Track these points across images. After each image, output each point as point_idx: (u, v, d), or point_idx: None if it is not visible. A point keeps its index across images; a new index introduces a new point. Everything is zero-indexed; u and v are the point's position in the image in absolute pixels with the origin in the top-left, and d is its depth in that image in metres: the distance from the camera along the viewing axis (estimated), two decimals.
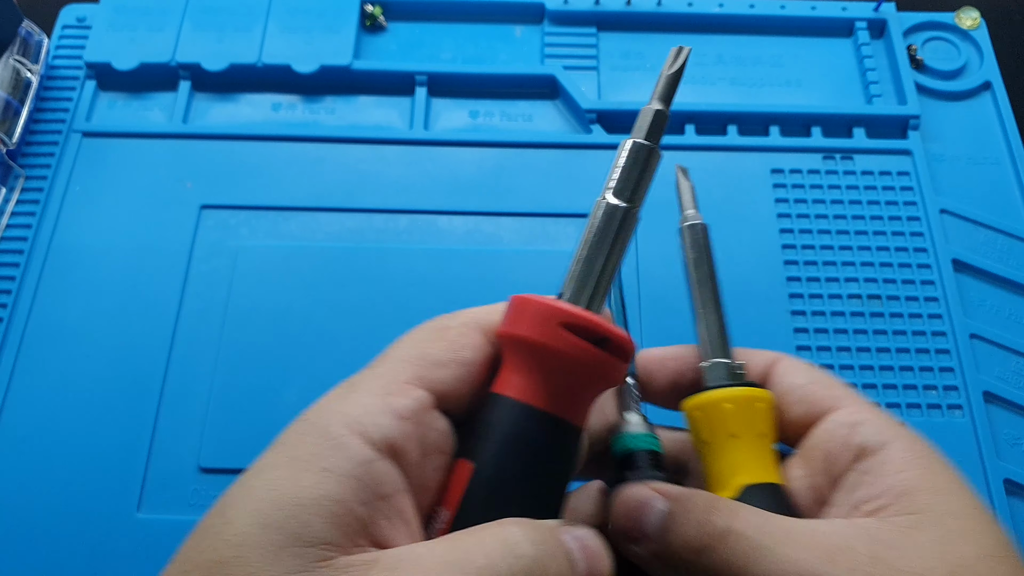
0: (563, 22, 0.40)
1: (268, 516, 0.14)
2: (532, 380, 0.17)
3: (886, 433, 0.18)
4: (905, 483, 0.17)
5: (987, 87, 0.39)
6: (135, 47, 0.38)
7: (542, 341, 0.16)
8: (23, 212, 0.35)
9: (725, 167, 0.36)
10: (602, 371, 0.17)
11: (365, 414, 0.15)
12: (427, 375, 0.17)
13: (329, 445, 0.15)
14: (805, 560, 0.16)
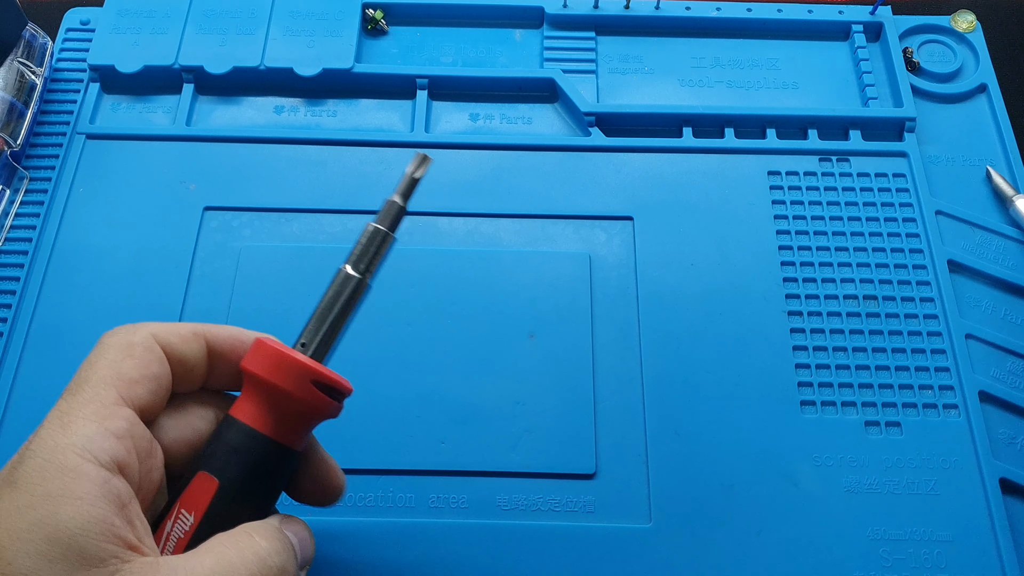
0: (562, 26, 0.40)
1: (50, 552, 0.16)
2: (275, 417, 0.21)
3: None
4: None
5: (983, 89, 0.39)
6: (138, 50, 0.38)
7: (296, 395, 0.20)
8: (27, 213, 0.35)
9: (722, 169, 0.36)
10: (331, 413, 0.21)
11: (90, 441, 0.18)
12: (127, 394, 0.19)
13: (73, 476, 0.17)
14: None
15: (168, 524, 0.20)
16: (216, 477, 0.20)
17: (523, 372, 0.31)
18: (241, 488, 0.20)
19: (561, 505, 0.29)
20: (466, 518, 0.29)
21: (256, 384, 0.21)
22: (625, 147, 0.37)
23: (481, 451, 0.30)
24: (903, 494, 0.29)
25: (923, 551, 0.28)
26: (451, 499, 0.29)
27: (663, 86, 0.39)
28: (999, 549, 0.28)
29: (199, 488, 0.20)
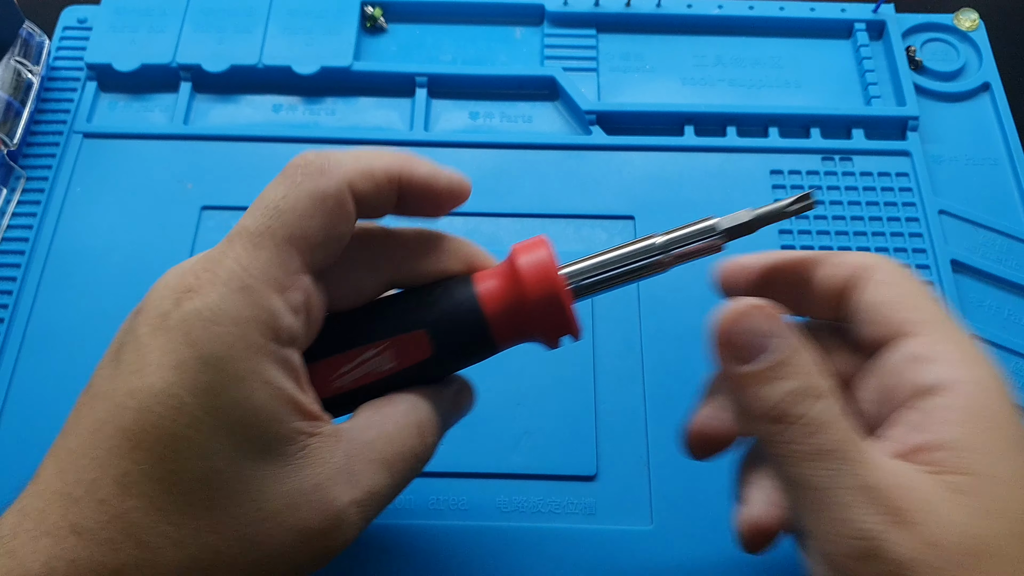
0: (563, 24, 0.40)
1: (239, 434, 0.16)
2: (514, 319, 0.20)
3: (955, 373, 0.17)
4: (962, 439, 0.17)
5: (986, 88, 0.39)
6: (136, 48, 0.38)
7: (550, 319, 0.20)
8: (24, 213, 0.35)
9: (724, 168, 0.36)
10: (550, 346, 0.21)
11: (274, 317, 0.17)
12: (310, 258, 0.18)
13: (259, 357, 0.17)
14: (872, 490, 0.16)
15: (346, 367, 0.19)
16: (432, 345, 0.20)
17: (523, 373, 0.31)
18: (450, 358, 0.20)
19: (562, 507, 0.29)
20: (466, 520, 0.29)
21: (517, 285, 0.20)
22: (626, 146, 0.37)
23: (481, 453, 0.30)
24: None
25: None
26: (451, 501, 0.29)
27: (664, 84, 0.39)
28: None
29: (411, 344, 0.20)
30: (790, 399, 0.17)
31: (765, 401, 0.17)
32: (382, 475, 0.18)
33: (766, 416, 0.17)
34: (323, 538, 0.17)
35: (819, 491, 0.16)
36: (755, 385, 0.17)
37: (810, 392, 0.17)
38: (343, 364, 0.20)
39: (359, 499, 0.18)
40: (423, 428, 0.20)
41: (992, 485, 0.16)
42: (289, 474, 0.17)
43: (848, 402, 0.19)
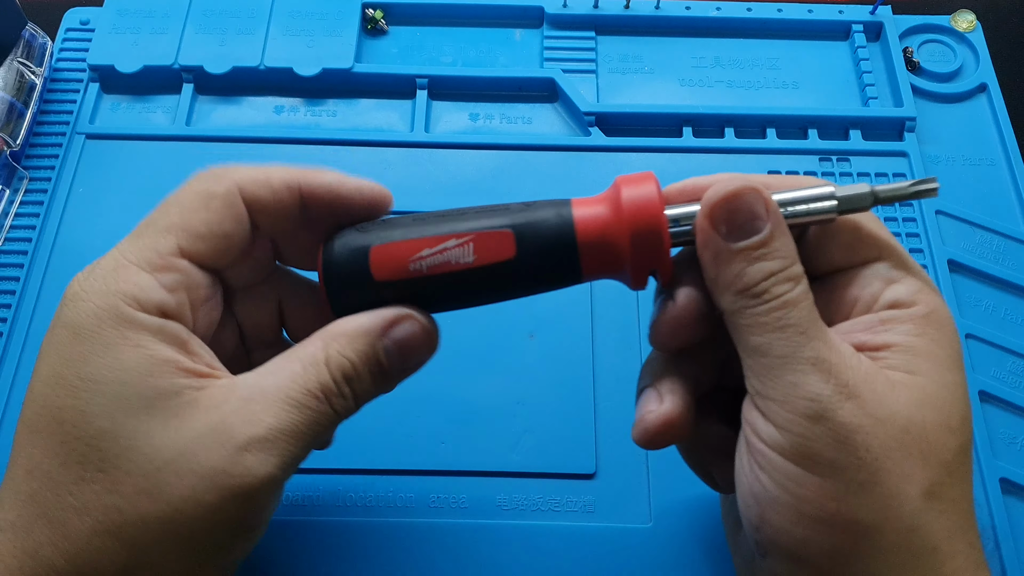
0: (562, 26, 0.40)
1: (122, 394, 0.17)
2: (612, 242, 0.20)
3: (915, 296, 0.20)
4: (912, 345, 0.19)
5: (983, 89, 0.39)
6: (138, 50, 0.38)
7: (655, 253, 0.20)
8: (27, 213, 0.35)
9: (722, 169, 0.36)
10: (640, 281, 0.21)
11: (141, 291, 0.18)
12: (189, 246, 0.19)
13: (128, 325, 0.18)
14: (828, 364, 0.18)
15: (426, 251, 0.20)
16: (516, 247, 0.20)
17: (523, 372, 0.31)
18: (519, 272, 0.20)
19: (561, 505, 0.29)
20: (466, 518, 0.29)
21: (618, 212, 0.20)
22: (625, 147, 0.37)
23: (481, 451, 0.30)
24: None
25: None
26: (451, 499, 0.29)
27: (663, 86, 0.39)
28: (999, 549, 0.28)
29: (495, 241, 0.20)
30: (769, 279, 0.19)
31: (746, 278, 0.19)
32: (286, 412, 0.18)
33: (744, 291, 0.19)
34: (227, 478, 0.17)
35: (780, 358, 0.18)
36: (739, 262, 0.19)
37: (788, 276, 0.19)
38: (423, 247, 0.20)
39: (260, 436, 0.18)
40: (337, 364, 0.19)
41: (930, 384, 0.19)
42: (178, 424, 0.17)
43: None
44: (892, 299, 0.20)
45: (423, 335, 0.21)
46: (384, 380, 0.21)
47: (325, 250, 0.21)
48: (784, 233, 0.19)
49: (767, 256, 0.19)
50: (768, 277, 0.19)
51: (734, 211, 0.19)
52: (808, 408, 0.18)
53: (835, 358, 0.18)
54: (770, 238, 0.19)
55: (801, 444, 0.18)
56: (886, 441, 0.18)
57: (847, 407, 0.18)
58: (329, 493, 0.29)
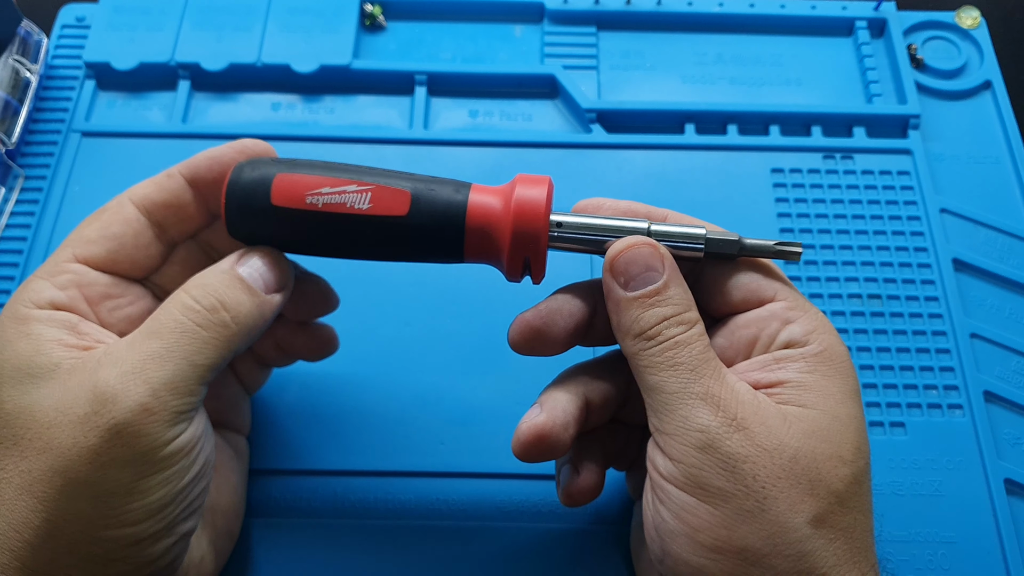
0: (563, 21, 0.40)
1: (18, 376, 0.20)
2: (494, 231, 0.22)
3: (809, 335, 0.21)
4: (803, 382, 0.21)
5: (987, 86, 0.38)
6: (134, 47, 0.38)
7: (532, 252, 0.22)
8: (22, 212, 0.35)
9: (725, 166, 0.36)
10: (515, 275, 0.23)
11: (36, 293, 0.21)
12: (82, 252, 0.22)
13: (21, 321, 0.21)
14: (716, 399, 0.20)
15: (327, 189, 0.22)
16: (410, 209, 0.22)
17: (523, 373, 0.31)
18: (408, 233, 0.22)
19: (561, 507, 0.29)
20: (466, 520, 0.29)
21: (506, 207, 0.22)
22: (626, 144, 0.37)
23: (481, 452, 0.30)
24: (907, 494, 0.29)
25: (927, 552, 0.28)
26: (451, 501, 0.29)
27: (665, 82, 0.39)
28: (1003, 550, 0.28)
29: (392, 197, 0.22)
30: (662, 323, 0.21)
31: (643, 322, 0.21)
32: (142, 342, 0.20)
33: (640, 334, 0.21)
34: (98, 417, 0.19)
35: (673, 394, 0.20)
36: (636, 308, 0.21)
37: (680, 320, 0.21)
38: (325, 185, 0.22)
39: (123, 370, 0.19)
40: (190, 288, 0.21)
41: (821, 417, 0.20)
42: (60, 386, 0.20)
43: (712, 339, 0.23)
44: (787, 339, 0.21)
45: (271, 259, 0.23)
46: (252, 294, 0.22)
47: (233, 172, 0.22)
48: (678, 283, 0.21)
49: (661, 303, 0.21)
50: (661, 321, 0.21)
51: (631, 263, 0.21)
52: (698, 440, 0.19)
53: (725, 393, 0.20)
54: (664, 287, 0.21)
55: (693, 474, 0.19)
56: (773, 471, 0.19)
57: (735, 438, 0.19)
58: (328, 495, 0.29)
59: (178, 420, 0.20)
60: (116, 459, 0.19)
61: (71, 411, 0.19)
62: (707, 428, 0.19)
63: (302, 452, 0.29)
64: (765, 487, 0.19)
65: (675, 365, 0.20)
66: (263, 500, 0.29)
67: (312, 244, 0.23)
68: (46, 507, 0.19)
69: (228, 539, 0.26)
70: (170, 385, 0.20)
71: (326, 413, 0.30)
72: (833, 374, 0.21)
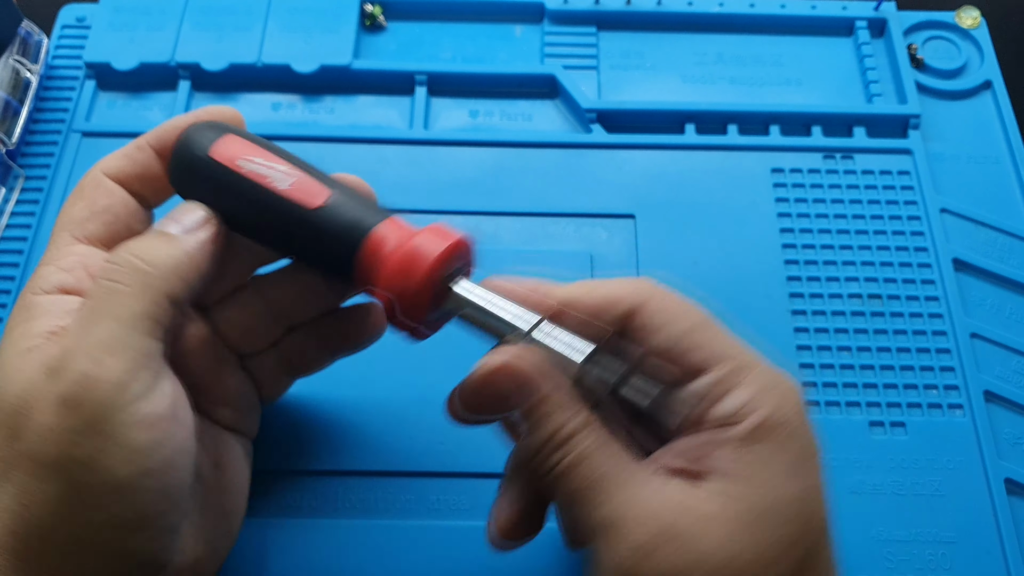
0: (563, 21, 0.40)
1: (23, 360, 0.20)
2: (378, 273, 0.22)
3: (741, 410, 0.18)
4: (729, 471, 0.18)
5: (988, 86, 0.39)
6: (135, 47, 0.38)
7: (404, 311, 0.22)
8: (23, 212, 0.35)
9: (725, 166, 0.36)
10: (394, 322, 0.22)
11: (43, 280, 0.21)
12: (79, 232, 0.22)
13: (29, 308, 0.21)
14: (640, 513, 0.17)
15: (258, 159, 0.23)
16: (325, 207, 0.22)
17: None
18: (310, 229, 0.22)
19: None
20: (466, 520, 0.29)
21: (397, 255, 0.21)
22: (627, 144, 0.37)
23: (481, 452, 0.30)
24: (907, 495, 0.29)
25: (927, 552, 0.28)
26: (451, 501, 0.29)
27: (665, 82, 0.39)
28: (1004, 550, 0.28)
29: (313, 189, 0.22)
30: (536, 456, 0.18)
31: (520, 454, 0.19)
32: (82, 311, 0.20)
33: (527, 466, 0.19)
34: (45, 391, 0.19)
35: (580, 525, 0.18)
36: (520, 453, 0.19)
37: (557, 442, 0.18)
38: (259, 155, 0.22)
39: (68, 342, 0.19)
40: (113, 257, 0.21)
41: (746, 514, 0.17)
42: (21, 372, 0.20)
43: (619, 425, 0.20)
44: (720, 416, 0.19)
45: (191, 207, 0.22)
46: (167, 240, 0.21)
47: (191, 126, 0.23)
48: (544, 400, 0.19)
49: (530, 430, 0.19)
50: (535, 454, 0.18)
51: (483, 402, 0.19)
52: (626, 566, 0.17)
53: (631, 512, 0.17)
54: (526, 414, 0.19)
55: None
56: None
57: (668, 551, 0.17)
58: (327, 495, 0.29)
59: (128, 382, 0.19)
60: (70, 430, 0.18)
61: (28, 393, 0.19)
62: (620, 567, 0.17)
63: (302, 452, 0.29)
64: None
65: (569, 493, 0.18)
66: (262, 500, 0.29)
67: (231, 212, 0.23)
68: (23, 494, 0.19)
69: (228, 540, 0.26)
70: (104, 345, 0.19)
71: (326, 413, 0.30)
72: (775, 450, 0.18)
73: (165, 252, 0.21)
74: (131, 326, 0.20)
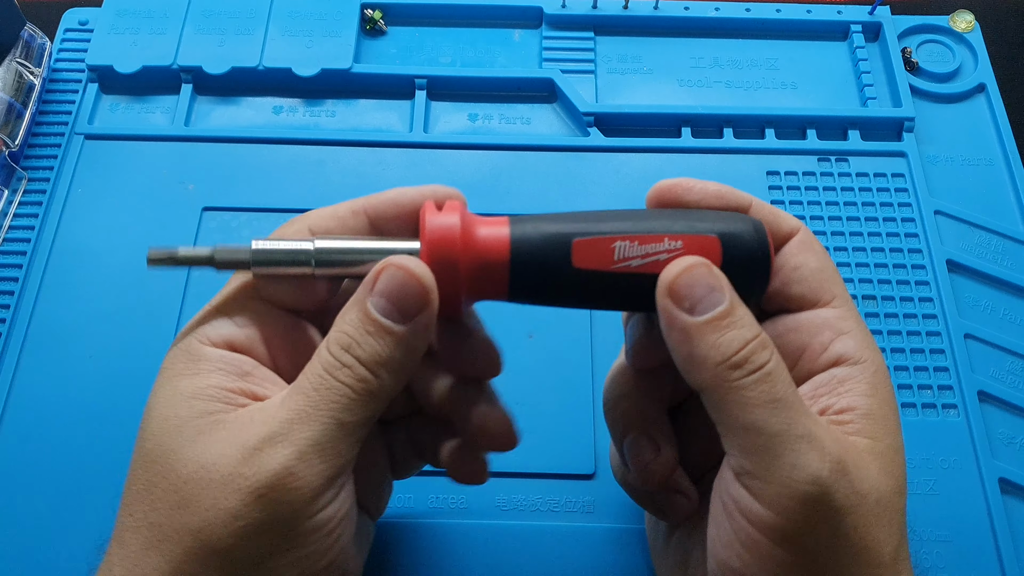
0: (561, 26, 0.40)
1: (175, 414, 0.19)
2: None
3: (863, 351, 0.20)
4: (870, 409, 0.19)
5: (981, 89, 0.39)
6: (137, 50, 0.38)
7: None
8: (26, 214, 0.35)
9: (721, 169, 0.36)
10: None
11: (212, 329, 0.20)
12: (264, 290, 0.21)
13: (193, 357, 0.20)
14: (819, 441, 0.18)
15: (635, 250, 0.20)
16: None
17: (522, 372, 0.31)
18: None
19: (560, 505, 0.29)
20: (465, 518, 0.29)
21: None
22: (624, 147, 0.37)
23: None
24: None
25: (922, 551, 0.28)
26: (450, 499, 0.29)
27: (662, 86, 0.39)
28: (998, 549, 0.28)
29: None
30: (749, 347, 0.18)
31: (724, 348, 0.18)
32: (292, 401, 0.19)
33: (723, 362, 0.18)
34: (242, 479, 0.18)
35: (773, 436, 0.18)
36: (712, 334, 0.18)
37: (764, 342, 0.18)
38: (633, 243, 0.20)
39: (272, 431, 0.18)
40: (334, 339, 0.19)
41: (887, 451, 0.19)
42: (205, 440, 0.18)
43: None
44: (841, 352, 0.20)
45: (406, 278, 0.19)
46: (391, 337, 0.19)
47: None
48: (740, 302, 0.19)
49: (736, 324, 0.18)
50: (745, 345, 0.18)
51: (692, 285, 0.19)
52: (807, 493, 0.17)
53: (822, 432, 0.18)
54: (732, 307, 0.19)
55: (795, 532, 0.18)
56: (868, 518, 0.18)
57: (841, 486, 0.18)
58: None
59: (325, 488, 0.18)
60: (252, 525, 0.17)
61: (215, 469, 0.18)
62: (818, 478, 0.17)
63: None
64: (863, 537, 0.18)
65: (772, 400, 0.18)
66: None
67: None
68: (172, 568, 0.18)
69: None
70: (319, 447, 0.18)
71: None
72: (888, 397, 0.20)
73: (397, 359, 0.19)
74: (349, 432, 0.19)
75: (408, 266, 0.19)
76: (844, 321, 0.20)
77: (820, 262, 0.21)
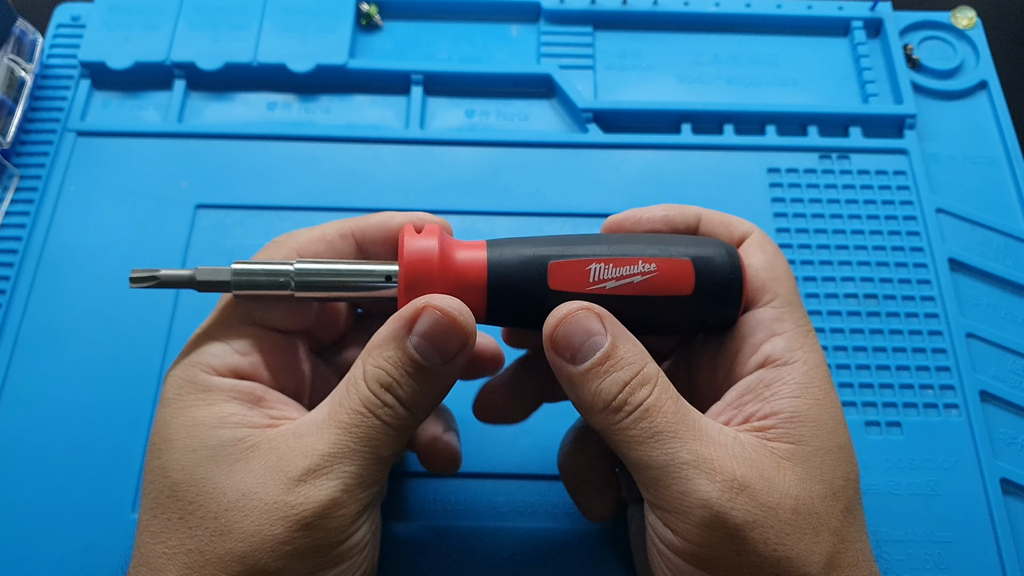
0: (559, 21, 0.40)
1: (196, 447, 0.19)
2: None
3: (794, 351, 0.20)
4: (796, 411, 0.19)
5: (983, 86, 0.39)
6: (130, 46, 0.38)
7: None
8: (17, 211, 0.35)
9: (722, 166, 0.36)
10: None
11: (216, 358, 0.21)
12: (259, 315, 0.21)
13: (203, 388, 0.20)
14: (709, 462, 0.18)
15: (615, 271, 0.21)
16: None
17: None
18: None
19: (559, 507, 0.29)
20: (464, 520, 0.28)
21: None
22: (623, 144, 0.36)
23: (478, 453, 0.30)
24: (903, 494, 0.29)
25: (923, 551, 0.28)
26: (449, 501, 0.29)
27: (661, 82, 0.39)
28: (999, 549, 0.28)
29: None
30: (627, 388, 0.19)
31: (604, 394, 0.19)
32: (335, 435, 0.19)
33: (607, 408, 0.19)
34: (288, 508, 0.18)
35: (660, 469, 0.18)
36: (593, 381, 0.19)
37: (641, 380, 0.19)
38: (614, 266, 0.20)
39: (314, 464, 0.19)
40: (373, 376, 0.19)
41: (815, 454, 0.19)
42: (241, 467, 0.19)
43: (682, 370, 0.22)
44: (768, 354, 0.20)
45: (446, 321, 0.19)
46: (431, 377, 0.20)
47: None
48: (626, 339, 0.19)
49: (615, 367, 0.19)
50: (623, 387, 0.19)
51: (570, 335, 0.19)
52: (701, 517, 0.18)
53: (715, 452, 0.18)
54: (612, 348, 0.19)
55: (701, 553, 0.18)
56: (781, 529, 0.18)
57: (739, 503, 0.18)
58: None
59: (363, 512, 0.19)
60: (297, 550, 0.18)
61: (258, 497, 0.18)
62: (709, 501, 0.18)
63: None
64: (777, 550, 0.18)
65: (653, 435, 0.18)
66: None
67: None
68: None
69: None
70: (360, 479, 0.19)
71: None
72: (821, 397, 0.19)
73: (433, 396, 0.20)
74: (386, 464, 0.20)
75: (449, 310, 0.19)
76: (779, 322, 0.20)
77: (764, 261, 0.21)
